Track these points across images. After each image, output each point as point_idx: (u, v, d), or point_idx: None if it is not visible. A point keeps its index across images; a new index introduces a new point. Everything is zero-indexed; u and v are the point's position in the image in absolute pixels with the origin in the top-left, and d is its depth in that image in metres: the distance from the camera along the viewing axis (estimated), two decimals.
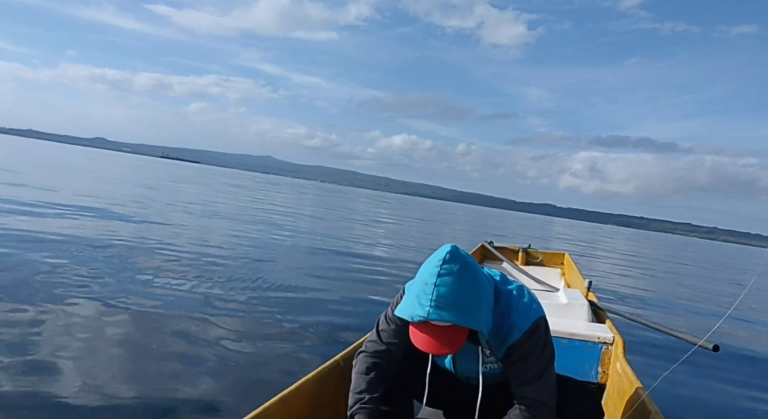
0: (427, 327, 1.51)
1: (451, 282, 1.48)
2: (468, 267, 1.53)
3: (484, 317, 1.55)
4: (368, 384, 1.80)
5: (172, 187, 27.27)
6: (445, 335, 1.50)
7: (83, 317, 3.92)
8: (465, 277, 1.50)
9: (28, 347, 3.22)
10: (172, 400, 2.75)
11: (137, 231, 8.79)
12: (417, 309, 1.49)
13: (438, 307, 1.46)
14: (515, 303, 1.68)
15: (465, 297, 1.49)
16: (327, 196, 49.46)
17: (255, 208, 19.65)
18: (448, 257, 1.51)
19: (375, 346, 1.86)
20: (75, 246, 6.62)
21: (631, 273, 14.48)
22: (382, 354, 1.85)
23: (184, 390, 2.89)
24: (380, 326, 1.87)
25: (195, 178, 46.21)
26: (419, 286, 1.52)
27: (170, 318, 4.17)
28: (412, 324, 1.54)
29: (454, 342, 1.51)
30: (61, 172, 25.49)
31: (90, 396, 2.67)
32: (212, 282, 5.71)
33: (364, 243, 12.26)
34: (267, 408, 1.74)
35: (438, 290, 1.47)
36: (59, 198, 12.28)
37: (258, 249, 8.88)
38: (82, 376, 2.90)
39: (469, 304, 1.49)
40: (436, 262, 1.52)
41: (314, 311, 5.02)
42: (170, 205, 15.58)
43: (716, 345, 2.47)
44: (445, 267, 1.49)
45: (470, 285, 1.51)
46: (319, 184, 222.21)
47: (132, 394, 2.76)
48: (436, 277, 1.48)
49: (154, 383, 2.94)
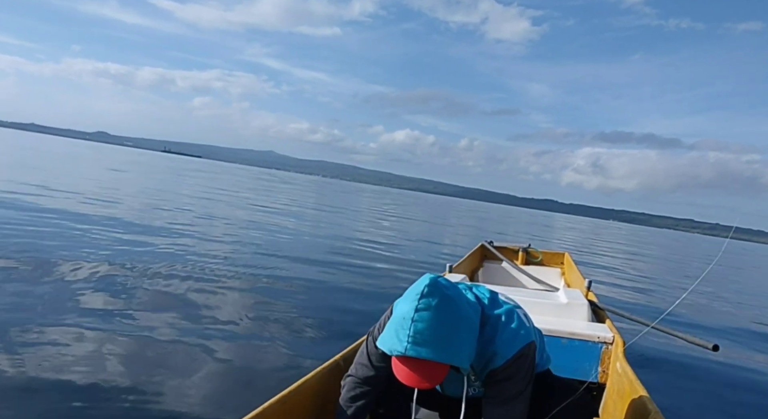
0: (407, 361, 1.48)
1: (429, 318, 1.44)
2: (448, 300, 1.48)
3: (465, 351, 1.51)
4: (354, 412, 1.82)
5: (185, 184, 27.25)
6: (424, 370, 1.47)
7: (87, 311, 3.93)
8: (444, 312, 1.46)
9: (27, 341, 3.23)
10: (173, 400, 2.75)
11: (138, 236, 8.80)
12: (395, 344, 1.46)
13: (416, 343, 1.43)
14: (501, 329, 1.64)
15: (444, 333, 1.45)
16: (329, 193, 49.39)
17: (257, 205, 19.62)
18: (426, 291, 1.47)
19: (365, 372, 1.84)
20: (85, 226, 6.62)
21: (620, 269, 14.47)
22: (370, 380, 1.83)
23: (184, 390, 2.88)
24: (369, 348, 1.84)
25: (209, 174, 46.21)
26: (398, 320, 1.48)
27: (171, 315, 4.18)
28: (393, 357, 1.51)
29: (434, 377, 1.48)
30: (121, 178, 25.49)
31: (86, 396, 2.67)
32: (214, 279, 5.72)
33: (366, 239, 12.26)
34: (267, 408, 1.74)
35: (416, 325, 1.44)
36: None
37: (259, 244, 8.89)
38: (81, 372, 2.90)
39: (448, 340, 1.46)
40: (414, 296, 1.48)
41: (315, 309, 5.01)
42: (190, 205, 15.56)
43: (716, 344, 2.47)
44: (422, 302, 1.45)
45: (449, 320, 1.47)
46: (320, 179, 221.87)
47: (129, 394, 2.75)
48: (414, 312, 1.45)
49: (154, 382, 2.93)
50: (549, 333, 2.78)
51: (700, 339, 2.59)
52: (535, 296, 3.42)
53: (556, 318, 3.05)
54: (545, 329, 2.79)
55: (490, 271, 5.76)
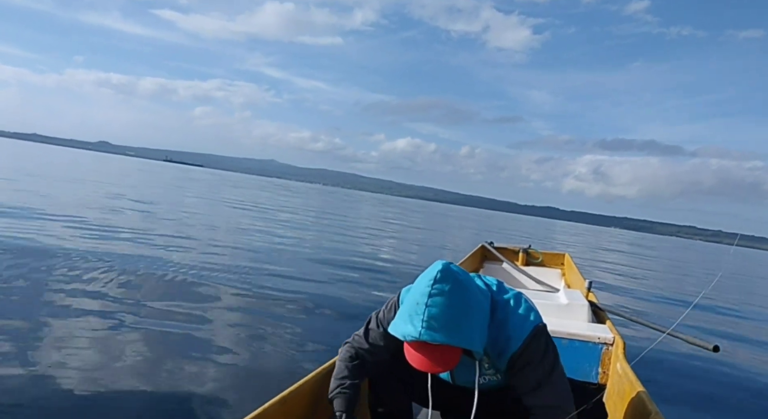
0: (420, 346, 1.50)
1: (442, 303, 1.46)
2: (460, 286, 1.51)
3: (478, 335, 1.54)
4: (350, 370, 1.87)
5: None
6: (438, 354, 1.49)
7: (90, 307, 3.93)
8: (456, 296, 1.49)
9: (35, 342, 3.23)
10: (172, 400, 2.76)
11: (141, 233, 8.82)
12: (409, 330, 1.48)
13: (430, 328, 1.45)
14: (512, 313, 1.67)
15: (457, 317, 1.48)
16: (330, 202, 49.45)
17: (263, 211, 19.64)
18: (439, 276, 1.49)
19: (360, 342, 1.91)
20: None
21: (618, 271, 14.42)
22: (366, 351, 1.89)
23: (183, 390, 2.89)
24: (370, 324, 1.91)
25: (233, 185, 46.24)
26: (411, 306, 1.51)
27: (174, 316, 4.18)
28: (406, 343, 1.53)
29: (448, 362, 1.50)
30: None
31: (88, 396, 2.67)
32: (217, 282, 5.72)
33: (368, 244, 12.26)
34: (267, 408, 1.74)
35: (429, 310, 1.46)
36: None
37: (261, 253, 8.89)
38: (83, 373, 2.91)
39: (461, 324, 1.48)
40: (427, 282, 1.50)
41: (316, 311, 5.02)
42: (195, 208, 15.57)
43: (716, 345, 2.47)
44: (436, 287, 1.48)
45: (462, 304, 1.50)
46: (321, 187, 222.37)
47: (133, 395, 2.76)
48: (427, 297, 1.47)
49: (154, 382, 2.94)
50: (549, 333, 2.78)
51: (700, 340, 2.58)
52: (535, 297, 3.41)
53: (556, 319, 3.04)
54: None
55: (491, 272, 5.75)
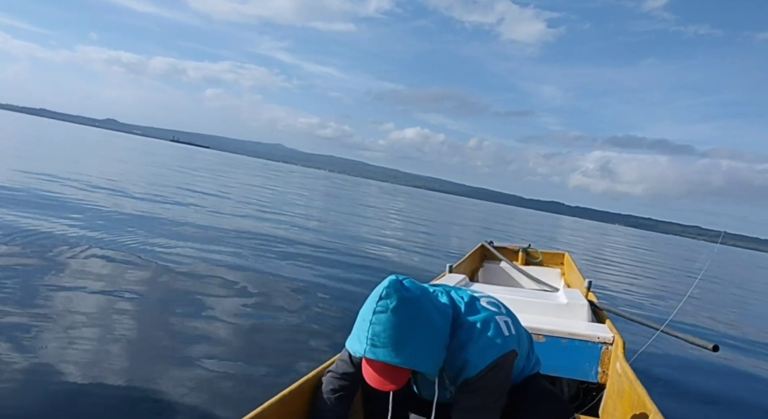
0: (370, 362, 1.49)
1: (385, 320, 1.43)
2: (407, 303, 1.45)
3: (428, 355, 1.49)
4: (333, 405, 1.84)
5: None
6: (386, 372, 1.47)
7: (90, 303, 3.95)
8: (402, 315, 1.44)
9: (31, 332, 3.24)
10: (172, 400, 2.71)
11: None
12: (356, 346, 1.48)
13: (373, 345, 1.43)
14: (476, 337, 1.58)
15: (400, 336, 1.43)
16: (337, 187, 49.36)
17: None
18: (385, 293, 1.45)
19: (344, 367, 1.85)
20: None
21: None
22: (350, 376, 1.84)
23: (183, 390, 2.85)
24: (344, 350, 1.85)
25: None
26: (359, 322, 1.49)
27: (172, 311, 4.18)
28: (363, 358, 1.51)
29: (396, 380, 1.47)
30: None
31: (83, 394, 2.63)
32: (218, 276, 5.73)
33: (369, 238, 12.26)
34: (267, 408, 1.74)
35: (373, 328, 1.43)
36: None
37: (269, 239, 8.90)
38: (79, 370, 2.88)
39: (404, 343, 1.44)
40: (374, 298, 1.47)
41: (316, 310, 4.95)
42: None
43: (716, 345, 2.47)
44: (380, 304, 1.44)
45: (408, 323, 1.44)
46: (326, 174, 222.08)
47: (127, 394, 2.71)
48: (372, 314, 1.44)
49: (150, 380, 2.90)
50: (549, 333, 2.79)
51: (700, 339, 2.58)
52: (534, 296, 3.42)
53: (556, 319, 3.05)
54: (545, 329, 2.79)
55: (490, 272, 5.75)
